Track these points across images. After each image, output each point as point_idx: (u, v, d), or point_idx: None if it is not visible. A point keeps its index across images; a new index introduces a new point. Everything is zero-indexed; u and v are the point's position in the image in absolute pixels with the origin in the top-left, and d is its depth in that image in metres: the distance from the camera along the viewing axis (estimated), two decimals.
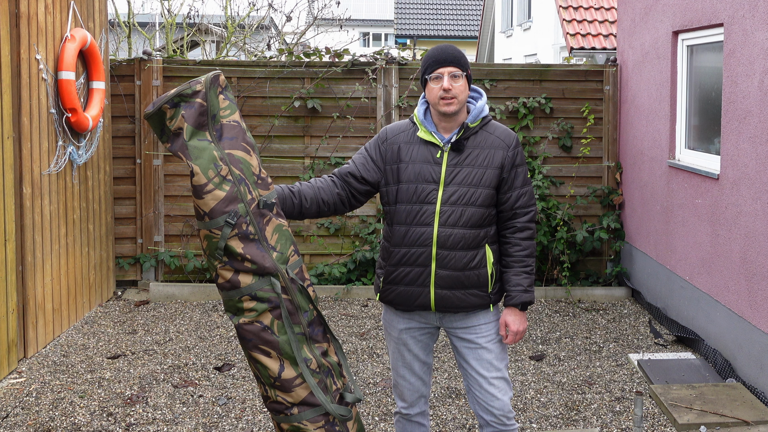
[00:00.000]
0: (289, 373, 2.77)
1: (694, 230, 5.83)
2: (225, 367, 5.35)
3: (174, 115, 2.73)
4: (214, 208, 2.70)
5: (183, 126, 2.72)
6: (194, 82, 2.76)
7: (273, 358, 2.77)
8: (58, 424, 4.45)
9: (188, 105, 2.73)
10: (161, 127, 2.76)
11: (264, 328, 2.75)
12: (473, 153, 3.06)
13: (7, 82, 5.09)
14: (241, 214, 2.72)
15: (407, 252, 3.05)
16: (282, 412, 2.82)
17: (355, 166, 3.15)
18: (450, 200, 3.02)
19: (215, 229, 2.71)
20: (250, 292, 2.75)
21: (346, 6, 16.02)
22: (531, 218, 3.13)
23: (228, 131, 2.79)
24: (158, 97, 2.77)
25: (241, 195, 2.73)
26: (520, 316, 3.13)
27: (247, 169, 2.78)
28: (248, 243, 2.73)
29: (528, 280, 3.11)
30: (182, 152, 2.72)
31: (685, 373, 5.22)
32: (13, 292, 5.18)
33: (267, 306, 2.75)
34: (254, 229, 2.74)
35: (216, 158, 2.72)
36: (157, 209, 7.37)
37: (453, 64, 3.02)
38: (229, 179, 2.73)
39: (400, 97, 7.49)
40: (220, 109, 2.80)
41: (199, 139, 2.74)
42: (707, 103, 5.96)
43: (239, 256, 2.72)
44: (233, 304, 2.78)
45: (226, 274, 2.75)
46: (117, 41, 11.12)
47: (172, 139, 2.75)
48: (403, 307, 3.14)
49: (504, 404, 3.13)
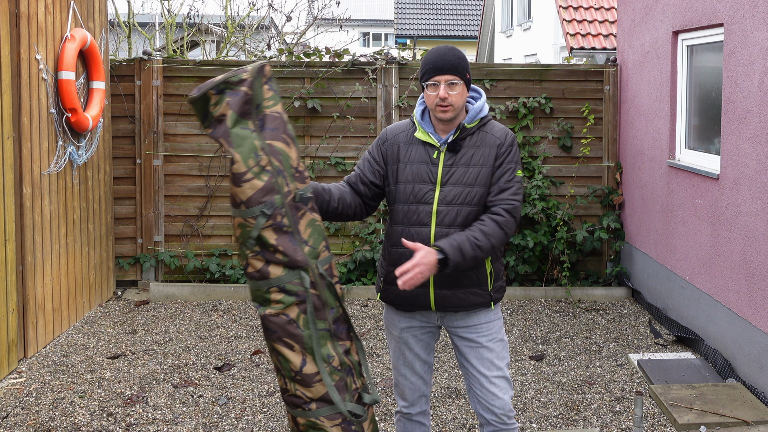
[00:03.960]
0: (311, 368, 2.77)
1: (694, 230, 5.83)
2: (225, 367, 5.35)
3: (218, 101, 2.74)
4: (251, 197, 2.71)
5: (227, 113, 2.73)
6: (241, 70, 2.77)
7: (296, 351, 2.76)
8: (58, 424, 4.45)
9: (234, 92, 2.74)
10: (204, 112, 2.77)
11: (289, 321, 2.75)
12: (468, 152, 3.06)
13: (7, 82, 5.09)
14: (277, 205, 2.73)
15: (405, 252, 3.05)
16: (300, 406, 2.81)
17: (361, 171, 3.16)
18: (446, 200, 3.02)
19: (250, 218, 2.72)
20: (278, 284, 2.75)
21: (346, 6, 16.02)
22: (508, 210, 2.99)
23: (270, 122, 2.80)
24: (204, 83, 2.77)
25: (279, 186, 2.74)
26: (428, 260, 2.83)
27: (286, 161, 2.79)
28: (281, 235, 2.73)
29: (466, 244, 2.88)
30: (224, 139, 2.73)
31: (685, 373, 5.23)
32: (13, 292, 5.18)
33: (294, 299, 2.75)
34: (288, 222, 2.75)
35: (257, 148, 2.73)
36: (157, 209, 7.37)
37: (450, 72, 3.01)
38: (268, 170, 2.73)
39: (400, 97, 7.49)
40: (264, 99, 2.81)
41: (242, 127, 2.75)
42: (707, 103, 5.96)
43: (271, 247, 2.72)
44: (261, 294, 2.78)
45: (256, 263, 2.75)
46: (117, 41, 11.13)
47: (214, 125, 2.76)
48: (404, 307, 3.15)
49: (505, 403, 3.13)
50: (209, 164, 7.40)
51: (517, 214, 3.03)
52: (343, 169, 7.43)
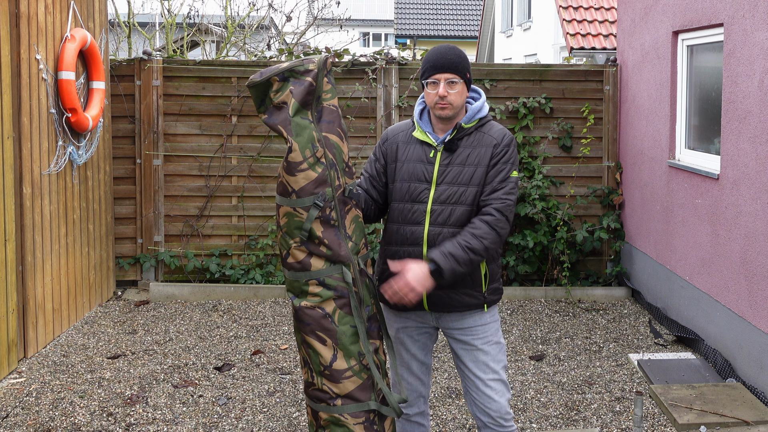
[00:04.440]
0: (341, 364, 2.78)
1: (694, 230, 5.83)
2: (225, 367, 5.35)
3: (281, 88, 2.76)
4: (304, 187, 2.73)
5: (289, 101, 2.74)
6: (307, 61, 2.79)
7: (328, 346, 2.77)
8: (58, 424, 4.45)
9: (298, 82, 2.76)
10: (263, 97, 2.79)
11: (324, 316, 2.76)
12: (464, 152, 3.06)
13: (7, 82, 5.09)
14: (329, 198, 2.75)
15: (398, 250, 3.06)
16: (324, 401, 2.82)
17: (369, 175, 3.18)
18: (440, 199, 3.03)
19: (300, 209, 2.73)
20: (318, 276, 2.75)
21: (346, 6, 16.02)
22: (499, 208, 2.98)
23: (327, 114, 2.84)
24: (267, 68, 2.78)
25: (331, 179, 2.76)
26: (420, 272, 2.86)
27: (339, 155, 2.82)
28: (328, 228, 2.75)
29: (458, 250, 2.88)
30: (284, 126, 2.75)
31: (685, 373, 5.22)
32: (13, 292, 5.18)
33: (333, 294, 2.76)
34: (336, 216, 2.77)
35: (314, 139, 2.76)
36: (157, 209, 7.37)
37: (450, 71, 3.01)
38: (322, 161, 2.76)
39: (400, 97, 7.49)
40: (323, 91, 2.84)
41: (302, 117, 2.77)
42: (707, 103, 5.96)
43: (317, 240, 2.74)
44: (299, 285, 2.78)
45: (298, 254, 2.76)
46: (117, 41, 11.13)
47: (271, 111, 2.78)
48: (398, 306, 3.14)
49: (501, 406, 3.12)
50: (209, 164, 7.40)
51: (509, 213, 2.99)
52: None
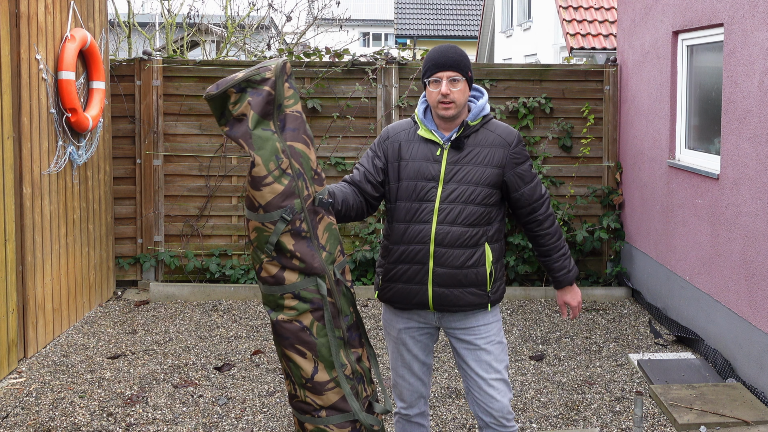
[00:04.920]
0: (323, 377, 2.72)
1: (694, 230, 5.83)
2: (225, 367, 5.35)
3: (239, 99, 2.64)
4: (271, 202, 2.63)
5: (248, 113, 2.63)
6: (263, 69, 2.67)
7: (308, 359, 2.71)
8: (58, 424, 4.45)
9: (256, 92, 2.64)
10: (222, 109, 2.67)
11: (303, 329, 2.69)
12: (473, 151, 3.06)
13: (7, 82, 5.09)
14: (297, 210, 2.66)
15: (406, 249, 3.05)
16: (309, 413, 2.77)
17: (365, 169, 3.15)
18: (449, 198, 3.02)
19: (269, 223, 2.64)
20: (293, 290, 2.68)
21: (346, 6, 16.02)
22: (548, 206, 3.21)
23: (291, 122, 2.72)
24: (223, 79, 2.67)
25: (299, 190, 2.67)
26: (574, 291, 3.29)
27: (306, 163, 2.72)
28: (299, 240, 2.66)
29: (569, 261, 3.26)
30: (245, 140, 2.63)
31: (685, 373, 5.22)
32: (13, 292, 5.18)
33: (309, 307, 2.69)
34: (307, 227, 2.68)
35: (278, 150, 2.65)
36: (157, 209, 7.37)
37: (452, 69, 3.01)
38: (288, 173, 2.65)
39: (400, 97, 7.49)
40: (285, 98, 2.72)
41: (263, 128, 2.65)
42: (707, 103, 5.96)
43: (288, 253, 2.66)
44: (274, 299, 2.71)
45: (271, 269, 2.68)
46: (117, 41, 11.13)
47: (232, 124, 2.66)
48: (401, 305, 3.14)
49: (503, 406, 3.12)
50: (209, 164, 7.40)
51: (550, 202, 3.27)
52: (343, 169, 7.43)
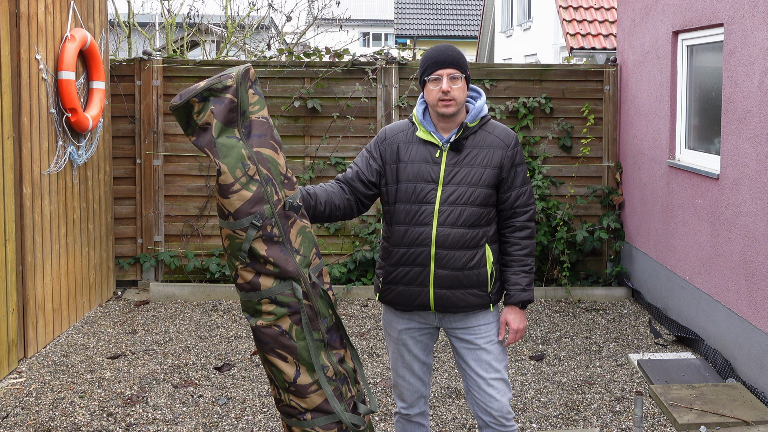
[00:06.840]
0: (305, 379, 2.73)
1: (694, 230, 5.83)
2: (225, 367, 5.35)
3: (202, 109, 2.64)
4: (240, 209, 2.63)
5: (212, 122, 2.63)
6: (225, 77, 2.66)
7: (289, 363, 2.72)
8: (58, 424, 4.45)
9: (218, 100, 2.64)
10: (187, 119, 2.68)
11: (282, 333, 2.70)
12: (472, 152, 3.06)
13: (7, 82, 5.09)
14: (267, 215, 2.65)
15: (406, 251, 3.05)
16: (295, 416, 2.78)
17: (359, 168, 3.14)
18: (449, 200, 3.02)
19: (239, 230, 2.64)
20: (269, 295, 2.68)
21: (346, 6, 16.01)
22: (530, 217, 3.14)
23: (257, 128, 2.71)
24: (186, 89, 2.65)
25: (268, 196, 2.66)
26: (519, 315, 3.15)
27: (275, 168, 2.71)
28: (272, 245, 2.67)
29: (526, 279, 3.12)
30: (209, 149, 2.63)
31: (685, 373, 5.22)
32: (13, 292, 5.18)
33: (286, 311, 2.69)
34: (279, 232, 2.68)
35: (244, 157, 2.65)
36: (157, 209, 7.37)
37: (452, 66, 3.01)
38: (256, 179, 2.65)
39: (400, 97, 7.49)
40: (249, 104, 2.71)
41: (227, 136, 2.65)
42: (707, 103, 5.96)
43: (262, 259, 2.66)
44: (252, 305, 2.72)
45: (246, 275, 2.69)
46: (117, 41, 11.12)
47: (198, 133, 2.66)
48: (403, 307, 3.14)
49: (503, 405, 3.12)
50: (209, 164, 7.39)
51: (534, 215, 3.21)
52: (342, 169, 7.43)
